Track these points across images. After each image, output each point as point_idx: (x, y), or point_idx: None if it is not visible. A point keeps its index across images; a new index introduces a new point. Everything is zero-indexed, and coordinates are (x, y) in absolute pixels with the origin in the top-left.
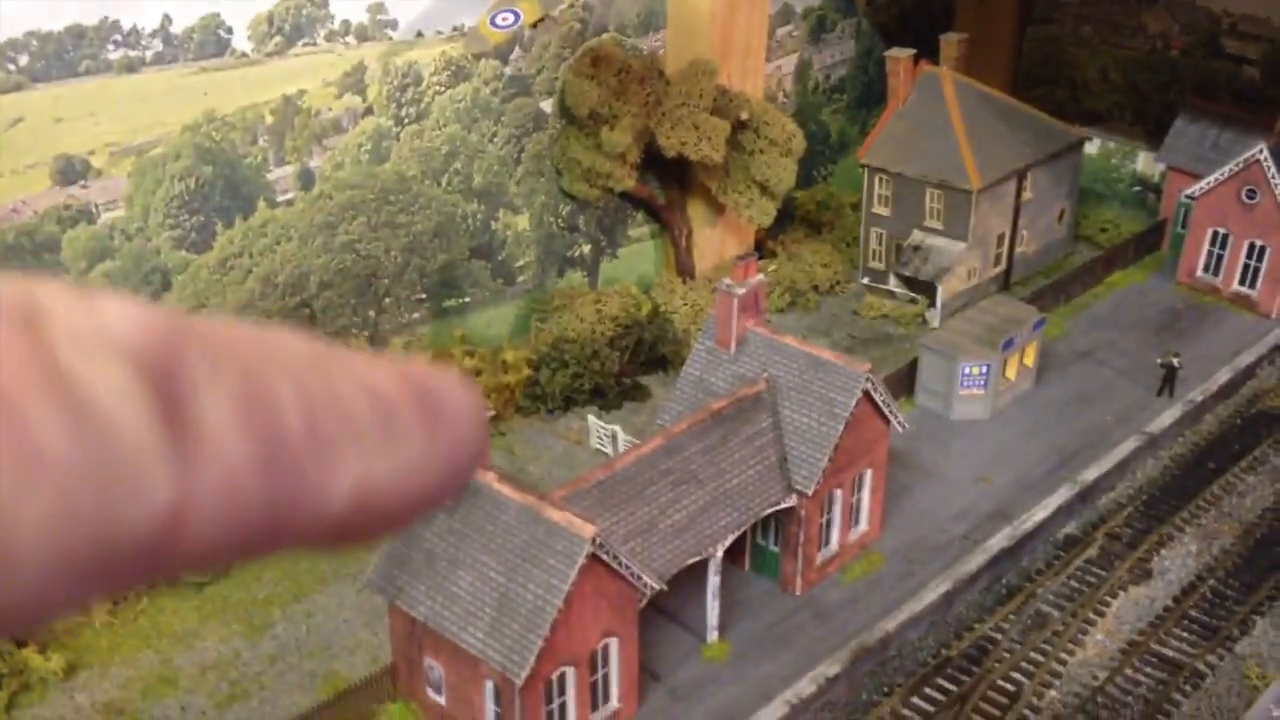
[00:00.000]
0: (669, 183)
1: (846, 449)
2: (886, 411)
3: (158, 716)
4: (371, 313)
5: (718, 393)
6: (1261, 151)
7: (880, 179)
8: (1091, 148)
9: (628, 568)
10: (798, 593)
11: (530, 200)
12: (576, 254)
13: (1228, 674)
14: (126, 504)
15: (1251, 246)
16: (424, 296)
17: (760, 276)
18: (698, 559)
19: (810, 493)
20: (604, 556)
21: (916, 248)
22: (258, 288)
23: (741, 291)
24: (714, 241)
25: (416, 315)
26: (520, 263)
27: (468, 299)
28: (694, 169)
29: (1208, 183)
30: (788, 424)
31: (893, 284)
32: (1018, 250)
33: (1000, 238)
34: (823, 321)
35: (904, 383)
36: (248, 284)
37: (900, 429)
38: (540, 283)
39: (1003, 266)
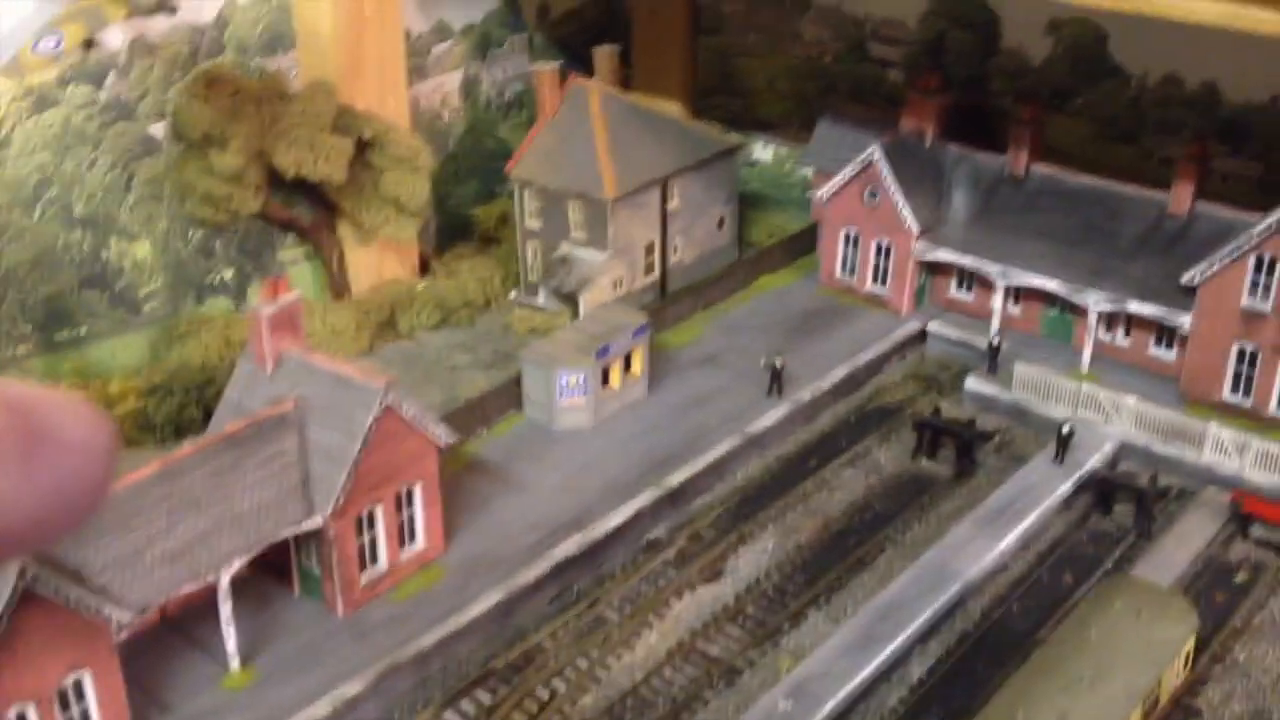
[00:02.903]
0: (316, 204)
1: (377, 466)
2: (420, 425)
3: None
4: None
5: None
6: (875, 152)
7: (528, 192)
8: (766, 154)
9: (80, 603)
10: (340, 614)
11: (149, 227)
12: (217, 280)
13: (767, 668)
14: None
15: (879, 246)
16: (30, 329)
17: (293, 295)
18: (198, 586)
19: (330, 512)
20: (46, 594)
21: (563, 259)
22: None
23: (271, 311)
24: (371, 261)
25: (22, 349)
26: (145, 291)
27: (83, 330)
28: (328, 190)
29: (833, 185)
30: (315, 444)
31: (542, 298)
32: (673, 259)
33: (649, 247)
34: (474, 338)
35: (514, 396)
36: None
37: (439, 444)
38: (174, 310)
39: (655, 276)
